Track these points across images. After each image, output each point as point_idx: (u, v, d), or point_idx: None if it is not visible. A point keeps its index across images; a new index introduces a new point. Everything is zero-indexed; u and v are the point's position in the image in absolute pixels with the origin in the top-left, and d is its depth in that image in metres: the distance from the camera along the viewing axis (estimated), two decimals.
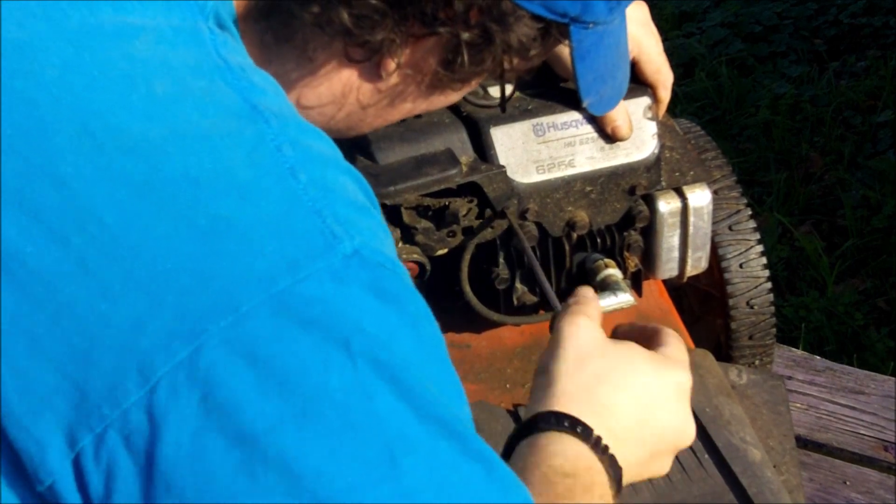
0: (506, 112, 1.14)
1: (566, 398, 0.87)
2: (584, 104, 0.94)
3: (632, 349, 0.91)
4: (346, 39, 0.80)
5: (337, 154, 0.74)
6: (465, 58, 0.81)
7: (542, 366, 0.91)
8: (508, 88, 1.07)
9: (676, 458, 1.13)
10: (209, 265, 0.64)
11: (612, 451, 0.85)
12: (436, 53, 0.83)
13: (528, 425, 0.86)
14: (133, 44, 0.71)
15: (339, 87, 0.84)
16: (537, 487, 0.80)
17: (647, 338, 0.94)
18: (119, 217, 0.64)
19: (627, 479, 0.87)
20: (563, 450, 0.83)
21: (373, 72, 0.83)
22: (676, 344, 0.94)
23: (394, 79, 0.84)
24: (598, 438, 0.85)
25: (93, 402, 0.62)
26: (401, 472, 0.63)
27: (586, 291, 0.96)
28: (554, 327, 0.93)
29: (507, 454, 0.85)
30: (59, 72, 0.68)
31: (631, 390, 0.89)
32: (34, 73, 0.68)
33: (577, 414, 0.85)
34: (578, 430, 0.84)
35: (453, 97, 0.90)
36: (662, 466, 0.92)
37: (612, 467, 0.84)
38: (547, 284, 1.08)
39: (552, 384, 0.88)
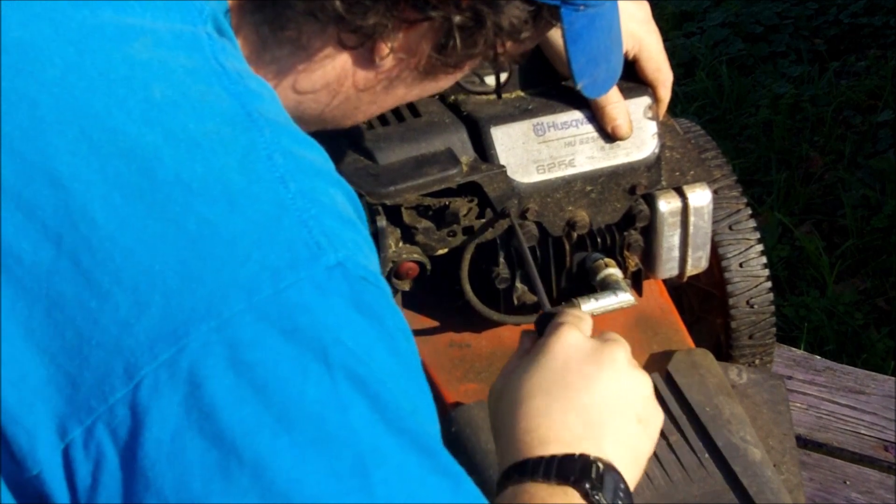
0: (505, 108, 1.14)
1: (548, 439, 0.85)
2: (578, 87, 0.95)
3: (568, 354, 0.91)
4: (339, 26, 0.81)
5: (329, 166, 0.75)
6: (458, 41, 0.82)
7: (498, 391, 0.91)
8: (504, 75, 1.08)
9: (677, 458, 1.13)
10: (196, 269, 0.65)
11: (599, 453, 0.84)
12: (429, 38, 0.83)
13: (506, 478, 0.85)
14: (133, 46, 0.71)
15: (333, 73, 0.85)
16: None
17: None
18: (111, 218, 0.65)
19: (634, 470, 0.87)
20: None
21: (367, 57, 0.84)
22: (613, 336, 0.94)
23: (388, 64, 0.85)
24: (583, 473, 0.83)
25: (83, 395, 0.63)
26: (372, 483, 0.64)
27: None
28: (507, 367, 0.94)
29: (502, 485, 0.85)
30: (59, 72, 0.69)
31: (591, 397, 0.88)
32: (36, 73, 0.69)
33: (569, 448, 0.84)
34: (554, 473, 0.83)
35: (445, 83, 0.91)
36: (649, 450, 0.91)
37: (607, 479, 0.83)
38: (540, 286, 1.07)
39: (519, 427, 0.87)
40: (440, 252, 1.16)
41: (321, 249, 0.67)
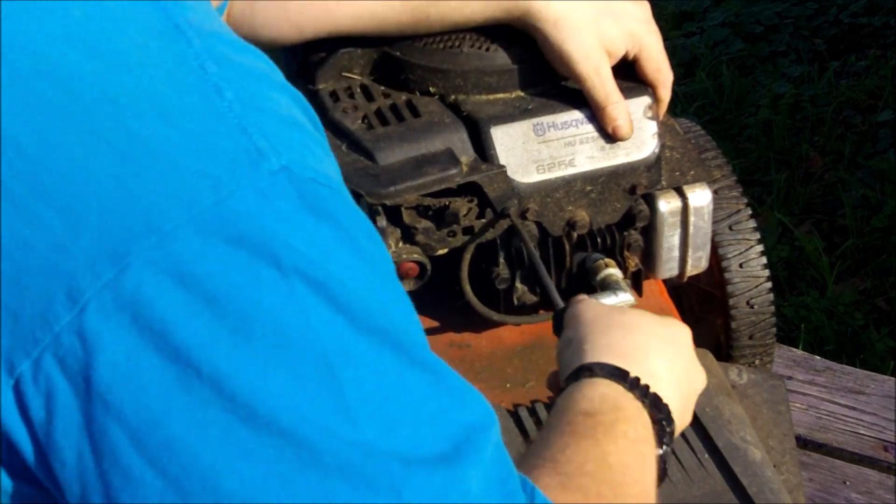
0: (505, 107, 1.14)
1: (601, 351, 0.90)
2: None
3: (640, 311, 0.97)
4: None
5: (272, 72, 0.72)
6: None
7: (565, 341, 0.95)
8: None
9: (677, 458, 1.13)
10: (131, 186, 0.63)
11: (653, 389, 0.88)
12: None
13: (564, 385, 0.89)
14: None
15: None
16: (561, 428, 0.82)
17: None
18: (38, 142, 0.63)
19: (675, 418, 0.90)
20: (589, 393, 0.85)
21: None
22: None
23: None
24: (636, 379, 0.87)
25: (26, 327, 0.62)
26: (341, 384, 0.62)
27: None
28: (567, 313, 0.98)
29: None
30: None
31: (655, 336, 0.94)
32: None
33: (611, 361, 0.88)
34: (609, 371, 0.87)
35: None
36: (690, 412, 0.96)
37: (656, 406, 0.87)
38: (548, 279, 1.08)
39: (582, 347, 0.91)
40: (440, 252, 1.16)
41: (262, 155, 0.64)
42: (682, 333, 0.98)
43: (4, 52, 0.65)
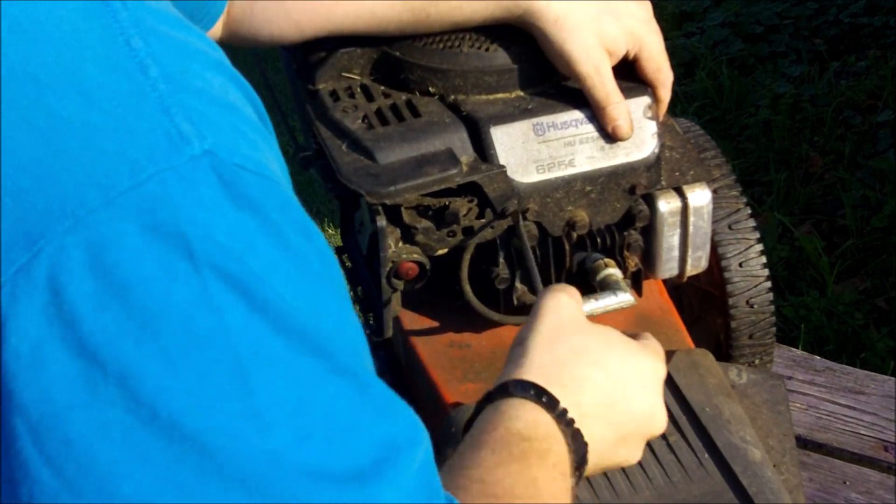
0: (505, 107, 1.14)
1: (537, 369, 0.88)
2: None
3: (609, 330, 0.93)
4: None
5: (209, 50, 0.69)
6: None
7: (518, 337, 0.93)
8: None
9: (676, 458, 1.13)
10: (48, 167, 0.60)
11: (577, 425, 0.86)
12: None
13: (496, 392, 0.87)
14: None
15: None
16: (492, 446, 0.81)
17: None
18: None
19: (594, 459, 0.88)
20: (524, 415, 0.84)
21: None
22: (653, 339, 0.97)
23: None
24: (564, 410, 0.86)
25: None
26: (252, 388, 0.59)
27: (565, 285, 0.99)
28: (535, 304, 0.96)
29: (474, 419, 0.86)
30: None
31: (604, 369, 0.91)
32: None
33: (545, 385, 0.87)
34: (543, 399, 0.85)
35: None
36: (632, 453, 0.93)
37: (575, 440, 0.85)
38: (537, 277, 1.08)
39: (525, 355, 0.90)
40: (440, 252, 1.16)
41: (184, 138, 0.62)
42: (643, 369, 0.93)
43: None
